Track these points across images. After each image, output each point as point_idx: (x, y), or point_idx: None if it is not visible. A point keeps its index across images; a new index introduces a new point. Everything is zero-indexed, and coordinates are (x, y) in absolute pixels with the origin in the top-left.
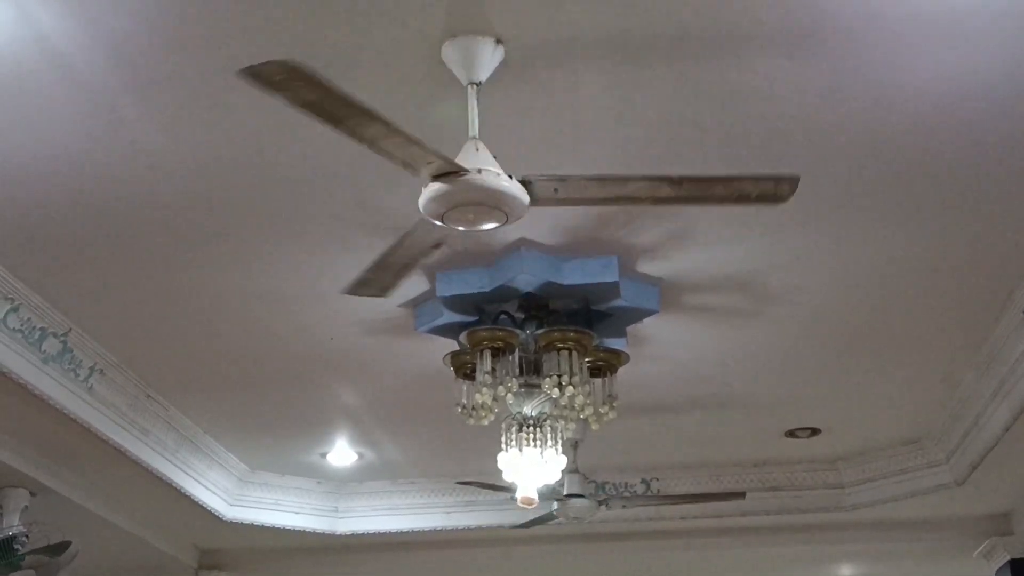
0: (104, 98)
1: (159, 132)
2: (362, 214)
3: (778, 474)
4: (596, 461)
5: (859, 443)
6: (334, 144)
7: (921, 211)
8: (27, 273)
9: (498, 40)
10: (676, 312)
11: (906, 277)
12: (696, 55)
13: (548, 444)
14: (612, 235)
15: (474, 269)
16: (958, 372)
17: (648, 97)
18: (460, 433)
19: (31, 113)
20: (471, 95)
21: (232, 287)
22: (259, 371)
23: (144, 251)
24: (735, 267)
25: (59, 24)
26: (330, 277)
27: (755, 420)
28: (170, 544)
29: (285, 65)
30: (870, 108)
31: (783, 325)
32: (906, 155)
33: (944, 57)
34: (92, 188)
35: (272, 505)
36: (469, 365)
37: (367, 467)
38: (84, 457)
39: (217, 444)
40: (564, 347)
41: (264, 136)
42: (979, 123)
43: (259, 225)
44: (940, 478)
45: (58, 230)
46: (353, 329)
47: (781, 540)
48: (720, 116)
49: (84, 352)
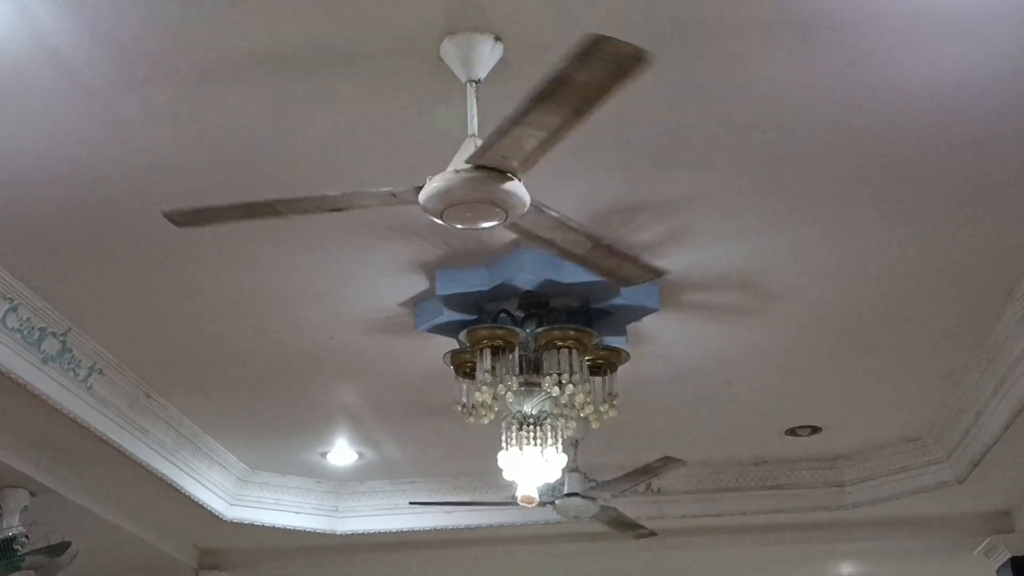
0: (103, 97)
1: (158, 132)
2: (361, 212)
3: (779, 472)
4: (597, 460)
5: (860, 441)
6: (332, 143)
7: (921, 208)
8: (26, 273)
9: (497, 37)
10: (676, 310)
11: (906, 275)
12: (696, 53)
13: (548, 442)
14: (612, 233)
15: (473, 268)
16: (959, 369)
17: (648, 94)
18: (461, 432)
19: (30, 112)
20: (470, 93)
21: (231, 286)
22: (259, 371)
23: (143, 251)
24: (735, 265)
25: (58, 22)
26: (329, 276)
27: (755, 418)
28: (170, 544)
29: (637, 51)
30: (870, 105)
31: (783, 323)
32: (906, 152)
33: (945, 53)
34: (91, 188)
35: (272, 505)
36: (469, 364)
37: (367, 466)
38: (84, 457)
39: (217, 444)
40: (564, 345)
41: (263, 136)
42: (980, 120)
43: (257, 224)
44: (941, 476)
45: (57, 230)
46: (352, 328)
47: (782, 539)
48: (720, 114)
49: (83, 352)
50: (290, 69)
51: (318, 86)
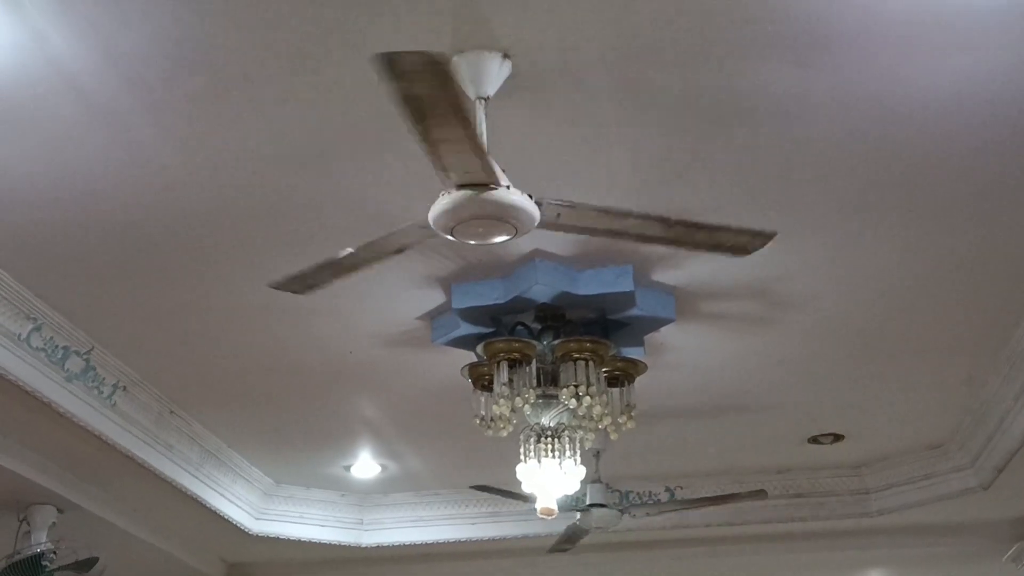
0: (119, 120)
1: (174, 152)
2: (376, 227)
3: (802, 480)
4: (619, 471)
5: (883, 448)
6: (346, 158)
7: (936, 215)
8: (49, 293)
9: (505, 54)
10: (693, 320)
11: (924, 281)
12: (704, 66)
13: (567, 455)
14: (626, 244)
15: (489, 281)
16: (980, 375)
17: (657, 109)
18: (482, 444)
19: (47, 136)
20: (479, 109)
21: (249, 302)
22: (279, 385)
23: (162, 269)
24: (750, 274)
25: (72, 47)
26: (345, 291)
27: (777, 427)
28: (198, 559)
29: (426, 57)
30: (880, 112)
31: (802, 331)
32: (918, 159)
33: (953, 61)
34: (110, 208)
35: (297, 518)
36: (487, 377)
37: (391, 479)
38: (110, 473)
39: (241, 458)
40: (581, 357)
41: (277, 153)
42: (991, 125)
43: (274, 240)
44: (965, 482)
45: (78, 250)
46: (371, 342)
47: (806, 547)
48: (729, 127)
49: (107, 370)
50: (300, 85)
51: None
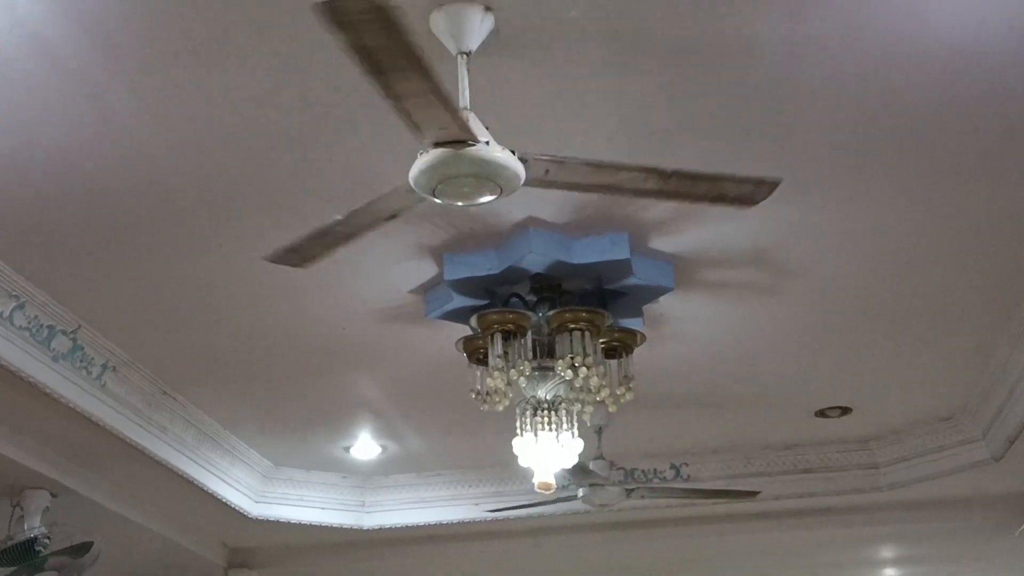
0: (92, 86)
1: (150, 119)
2: (367, 194)
3: (810, 455)
4: (624, 447)
5: (892, 421)
6: (330, 124)
7: (943, 173)
8: (30, 269)
9: (487, 7)
10: (693, 289)
11: (931, 245)
12: (694, 17)
13: (564, 428)
14: (622, 211)
15: (482, 251)
16: (990, 344)
17: (647, 60)
18: (482, 421)
19: (20, 105)
20: (461, 65)
21: (240, 278)
22: (273, 363)
23: (147, 241)
24: (750, 240)
25: (42, 10)
26: (336, 264)
27: (783, 400)
28: (198, 543)
29: (369, 3)
30: (884, 60)
31: (805, 300)
32: (926, 110)
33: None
34: (89, 179)
35: (297, 501)
36: (482, 350)
37: (391, 460)
38: (103, 456)
39: (239, 440)
40: (577, 328)
41: (256, 117)
42: (1007, 69)
43: (260, 209)
44: (977, 455)
45: (58, 223)
46: (364, 318)
47: (816, 523)
48: (721, 80)
49: (95, 349)
50: (278, 46)
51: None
